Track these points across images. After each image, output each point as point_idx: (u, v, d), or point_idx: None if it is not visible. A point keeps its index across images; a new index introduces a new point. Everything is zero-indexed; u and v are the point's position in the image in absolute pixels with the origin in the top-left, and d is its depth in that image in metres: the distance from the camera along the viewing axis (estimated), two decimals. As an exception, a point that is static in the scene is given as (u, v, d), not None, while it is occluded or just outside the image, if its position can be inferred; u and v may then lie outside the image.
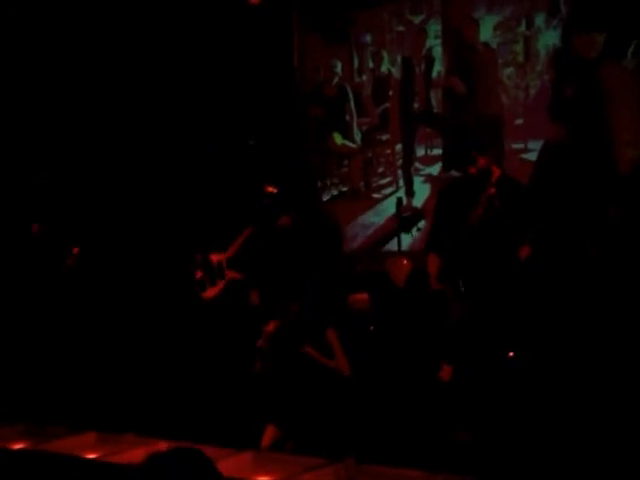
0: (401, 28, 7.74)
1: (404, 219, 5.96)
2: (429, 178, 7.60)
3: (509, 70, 7.16)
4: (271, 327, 5.78)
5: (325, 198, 8.10)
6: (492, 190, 4.98)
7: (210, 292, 6.60)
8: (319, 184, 8.12)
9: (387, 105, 7.85)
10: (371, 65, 7.92)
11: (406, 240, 6.84)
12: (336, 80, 7.97)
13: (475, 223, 5.00)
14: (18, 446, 4.59)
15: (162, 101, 7.72)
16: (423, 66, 7.60)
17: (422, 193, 7.58)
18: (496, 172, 5.15)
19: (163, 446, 4.26)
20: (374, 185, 7.95)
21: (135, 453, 4.13)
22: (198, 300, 6.49)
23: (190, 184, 7.60)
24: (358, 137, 7.96)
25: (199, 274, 6.52)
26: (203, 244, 6.60)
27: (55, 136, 7.54)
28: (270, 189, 6.56)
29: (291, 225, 6.29)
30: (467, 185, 5.10)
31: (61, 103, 7.54)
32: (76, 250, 6.93)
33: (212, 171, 7.54)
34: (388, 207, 7.54)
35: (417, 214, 6.01)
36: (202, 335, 6.37)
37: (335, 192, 8.10)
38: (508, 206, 4.93)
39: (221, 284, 6.48)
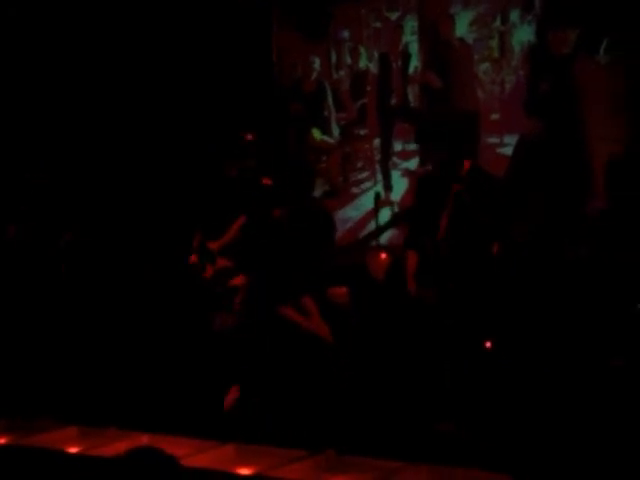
0: (378, 24, 7.81)
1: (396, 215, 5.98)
2: (407, 172, 7.67)
3: (485, 65, 7.25)
4: (239, 281, 5.61)
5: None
6: (459, 185, 4.94)
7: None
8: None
9: (365, 100, 7.91)
10: (349, 61, 7.98)
11: (385, 234, 6.94)
12: (314, 76, 8.01)
13: (447, 219, 4.98)
14: (0, 441, 4.60)
15: (148, 97, 7.73)
16: (400, 62, 7.67)
17: (400, 187, 7.65)
18: (464, 166, 5.09)
19: (145, 439, 4.31)
20: (352, 180, 8.01)
21: (117, 446, 4.15)
22: (182, 294, 6.50)
23: (182, 176, 7.60)
24: (336, 132, 8.01)
25: (193, 258, 6.52)
26: (191, 235, 6.60)
27: (55, 136, 7.53)
28: (265, 181, 6.57)
29: (284, 218, 6.28)
30: (438, 181, 5.09)
31: (60, 103, 7.54)
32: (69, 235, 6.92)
33: (204, 162, 7.53)
34: (366, 201, 7.61)
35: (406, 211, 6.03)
36: (185, 327, 6.38)
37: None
38: (479, 200, 4.91)
39: (211, 271, 6.47)
